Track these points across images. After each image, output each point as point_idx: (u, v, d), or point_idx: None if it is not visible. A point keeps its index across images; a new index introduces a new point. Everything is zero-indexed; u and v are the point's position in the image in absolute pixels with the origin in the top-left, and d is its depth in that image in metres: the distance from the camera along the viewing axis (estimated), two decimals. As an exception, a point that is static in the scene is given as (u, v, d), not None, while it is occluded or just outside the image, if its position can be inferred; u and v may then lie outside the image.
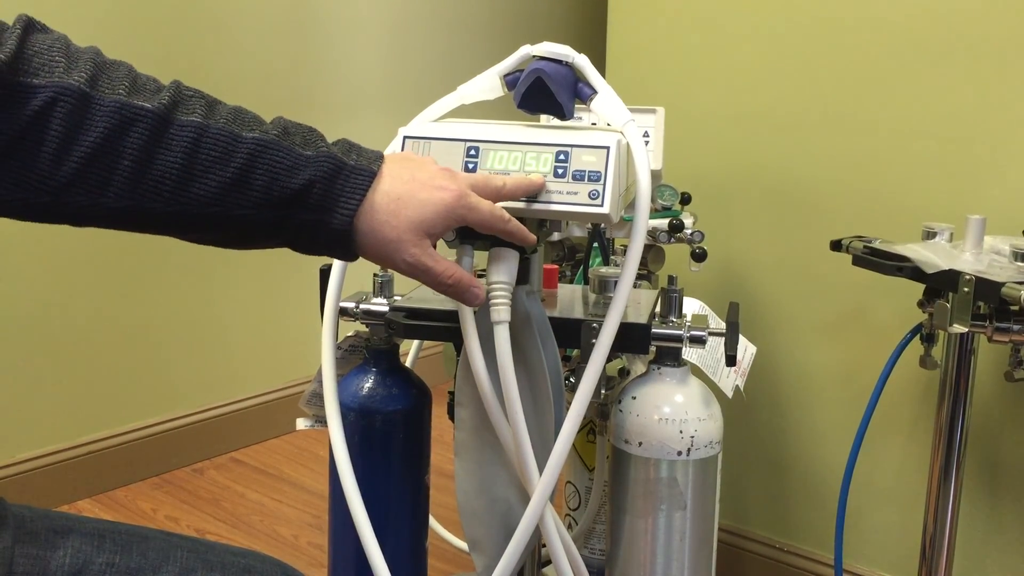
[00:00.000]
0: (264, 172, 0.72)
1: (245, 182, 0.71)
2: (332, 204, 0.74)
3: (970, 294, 1.09)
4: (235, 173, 0.71)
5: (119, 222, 0.72)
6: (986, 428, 1.39)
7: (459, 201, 0.78)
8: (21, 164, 0.67)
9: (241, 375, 2.34)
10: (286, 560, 1.89)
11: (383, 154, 0.80)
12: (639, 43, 1.67)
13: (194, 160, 0.70)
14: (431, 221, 0.76)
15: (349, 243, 0.75)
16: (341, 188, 0.74)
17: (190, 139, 0.70)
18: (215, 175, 0.71)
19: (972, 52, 1.34)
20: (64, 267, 1.97)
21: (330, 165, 0.74)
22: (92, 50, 0.71)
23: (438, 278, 0.79)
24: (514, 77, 0.96)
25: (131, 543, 0.76)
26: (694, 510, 1.02)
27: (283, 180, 0.72)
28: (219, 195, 0.71)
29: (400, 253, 0.76)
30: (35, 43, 0.68)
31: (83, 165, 0.68)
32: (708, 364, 1.19)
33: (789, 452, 1.60)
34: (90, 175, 0.68)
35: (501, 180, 0.85)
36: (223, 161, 0.71)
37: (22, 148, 0.66)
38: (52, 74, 0.67)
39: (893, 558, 1.50)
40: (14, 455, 1.93)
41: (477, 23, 2.80)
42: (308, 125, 0.78)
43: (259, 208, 0.72)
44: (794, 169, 1.52)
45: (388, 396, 1.08)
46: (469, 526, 1.00)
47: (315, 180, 0.73)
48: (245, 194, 0.72)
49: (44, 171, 0.67)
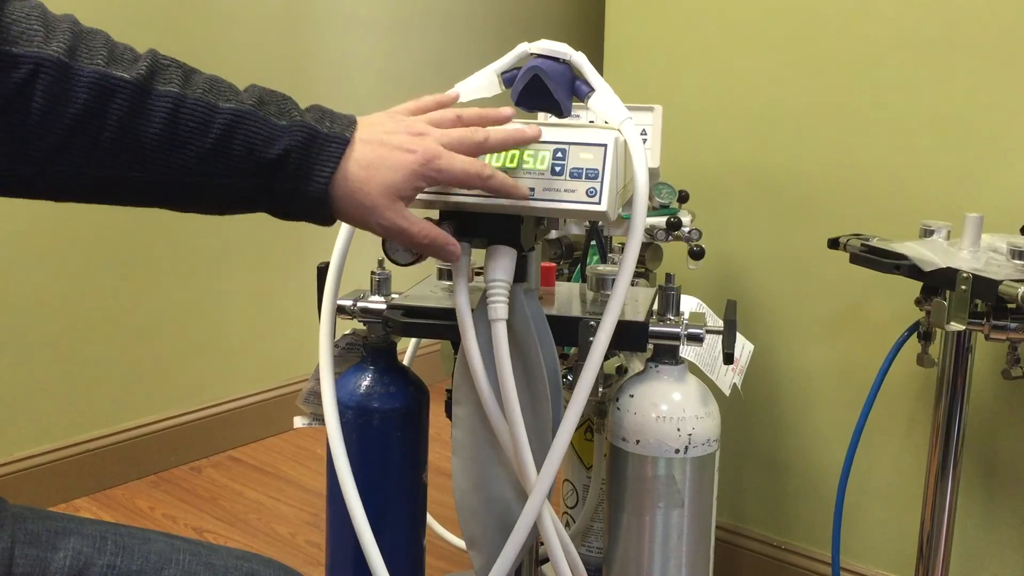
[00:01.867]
0: (241, 142, 0.73)
1: (223, 152, 0.73)
2: (308, 172, 0.75)
3: (967, 292, 1.09)
4: (213, 143, 0.72)
5: (100, 193, 0.73)
6: (983, 426, 1.39)
7: (426, 164, 0.78)
8: (6, 135, 0.67)
9: (239, 373, 2.33)
10: (284, 558, 1.89)
11: (355, 119, 0.80)
12: (637, 41, 1.67)
13: (174, 130, 0.71)
14: (400, 185, 0.78)
15: (324, 209, 0.77)
16: (316, 156, 0.76)
17: (168, 109, 0.71)
18: (194, 145, 0.72)
19: (970, 50, 1.34)
20: (61, 266, 1.96)
21: (304, 134, 0.75)
22: (69, 18, 0.72)
23: (413, 238, 0.81)
24: (511, 75, 0.96)
25: (132, 545, 0.76)
26: (692, 508, 1.02)
27: (260, 150, 0.74)
28: (198, 164, 0.72)
29: (374, 217, 0.78)
30: (13, 11, 0.68)
31: (67, 135, 0.68)
32: (706, 362, 1.19)
33: (787, 450, 1.60)
34: (73, 145, 0.69)
35: (484, 133, 0.84)
36: (201, 131, 0.72)
37: (5, 119, 0.67)
38: (31, 43, 0.67)
39: (890, 556, 1.51)
40: (12, 453, 1.93)
41: (474, 20, 2.80)
42: (282, 93, 0.79)
43: (237, 177, 0.74)
44: (792, 167, 1.52)
45: (386, 394, 1.08)
46: (467, 524, 1.00)
47: (291, 149, 0.75)
48: (224, 163, 0.73)
49: (28, 141, 0.67)
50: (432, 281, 1.17)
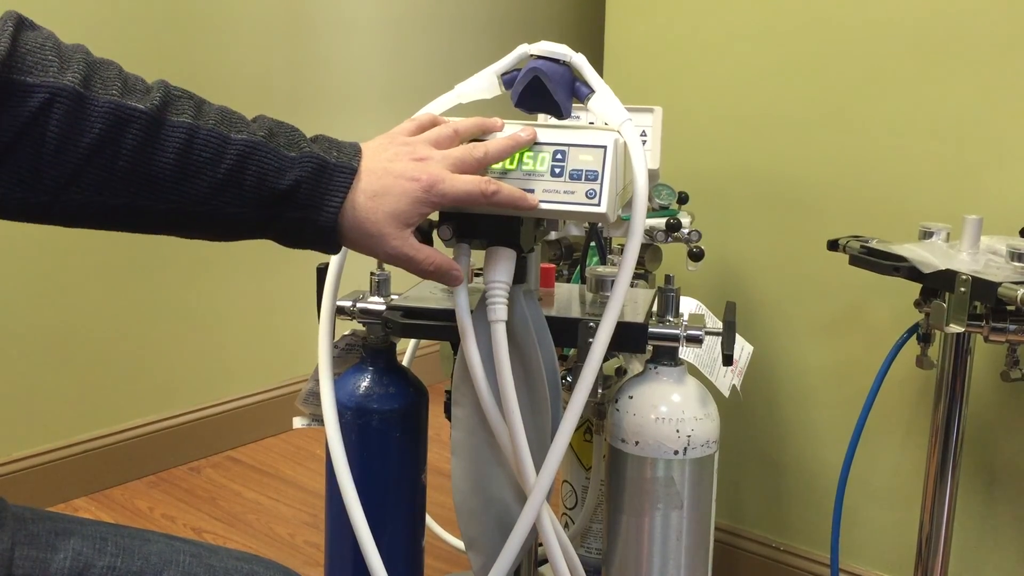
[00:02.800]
0: (253, 173, 0.74)
1: (235, 182, 0.74)
2: (318, 203, 0.77)
3: (967, 294, 1.09)
4: (226, 174, 0.73)
5: (113, 221, 0.73)
6: (982, 428, 1.39)
7: (430, 191, 0.80)
8: (21, 163, 0.68)
9: (238, 374, 2.33)
10: (282, 559, 1.89)
11: (360, 147, 0.82)
12: (637, 42, 1.67)
13: (187, 160, 0.72)
14: (407, 213, 0.79)
15: (333, 237, 0.79)
16: (325, 187, 0.77)
17: (182, 140, 0.72)
18: (206, 175, 0.73)
19: (970, 52, 1.34)
20: (59, 267, 1.96)
21: (314, 165, 0.77)
22: (81, 48, 0.72)
23: (419, 266, 0.82)
24: (511, 76, 0.96)
25: (133, 546, 0.76)
26: (691, 509, 1.02)
27: (271, 181, 0.75)
28: (210, 194, 0.74)
29: (382, 246, 0.80)
30: (27, 41, 0.69)
31: (81, 164, 0.69)
32: (705, 363, 1.19)
33: (786, 451, 1.60)
34: (88, 174, 0.69)
35: (483, 148, 0.85)
36: (214, 162, 0.73)
37: (21, 147, 0.67)
38: (46, 73, 0.68)
39: (889, 557, 1.51)
40: (10, 453, 1.93)
41: (475, 22, 2.80)
42: (290, 124, 0.80)
43: (248, 207, 0.75)
44: (791, 169, 1.52)
45: (385, 395, 1.08)
46: (466, 525, 1.00)
47: (301, 180, 0.76)
48: (235, 194, 0.74)
49: (44, 170, 0.68)
50: (431, 282, 1.17)
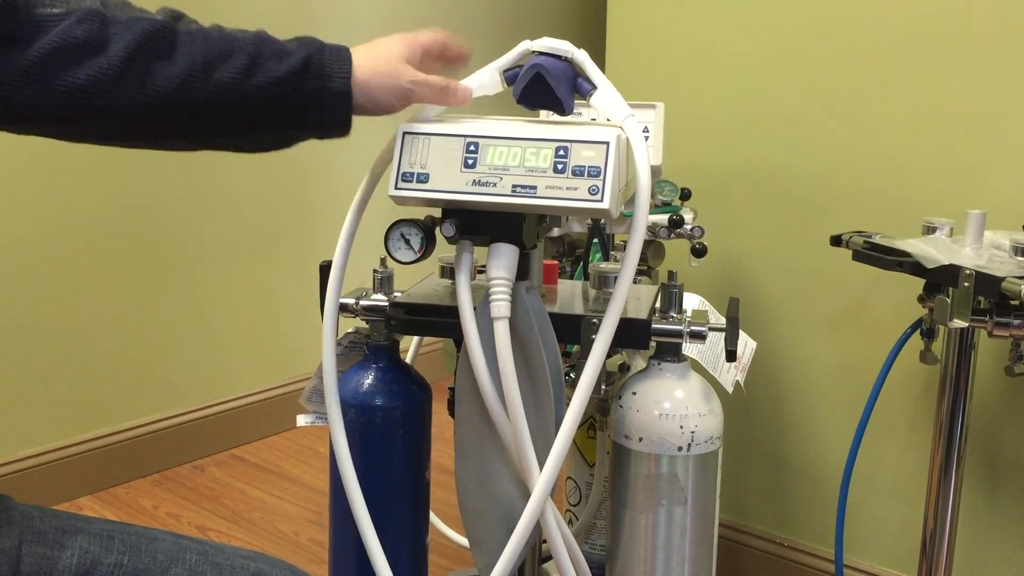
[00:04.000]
0: (269, 57, 0.83)
1: (256, 66, 0.82)
2: (329, 72, 0.85)
3: (970, 289, 1.09)
4: (246, 60, 0.81)
5: (147, 122, 0.79)
6: (986, 423, 1.39)
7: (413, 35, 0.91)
8: (66, 73, 0.73)
9: (241, 372, 2.34)
10: (287, 556, 1.89)
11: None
12: (639, 39, 1.67)
13: (208, 54, 0.80)
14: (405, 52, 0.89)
15: (348, 102, 0.86)
16: (331, 60, 0.86)
17: (201, 40, 0.80)
18: (230, 64, 0.81)
19: (973, 47, 1.33)
20: (63, 265, 1.96)
21: (315, 46, 0.86)
22: None
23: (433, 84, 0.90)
24: (513, 72, 0.96)
25: (139, 544, 0.76)
26: (694, 505, 1.02)
27: (286, 60, 0.83)
28: (237, 80, 0.81)
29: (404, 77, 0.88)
30: None
31: (123, 66, 0.75)
32: (708, 360, 1.19)
33: (789, 447, 1.60)
34: (132, 74, 0.76)
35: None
36: (233, 53, 0.81)
37: (62, 61, 0.73)
38: (68, 3, 0.75)
39: (894, 553, 1.51)
40: (15, 452, 1.93)
41: (476, 19, 2.80)
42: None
43: (271, 85, 0.82)
44: (794, 164, 1.52)
45: (388, 392, 1.08)
46: (470, 522, 1.00)
47: (311, 56, 0.85)
48: (258, 76, 0.82)
49: (89, 75, 0.74)
50: (434, 279, 1.17)
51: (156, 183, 2.09)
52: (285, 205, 2.36)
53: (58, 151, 1.91)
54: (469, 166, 0.90)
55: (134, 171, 2.04)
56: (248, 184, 2.27)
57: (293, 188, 2.37)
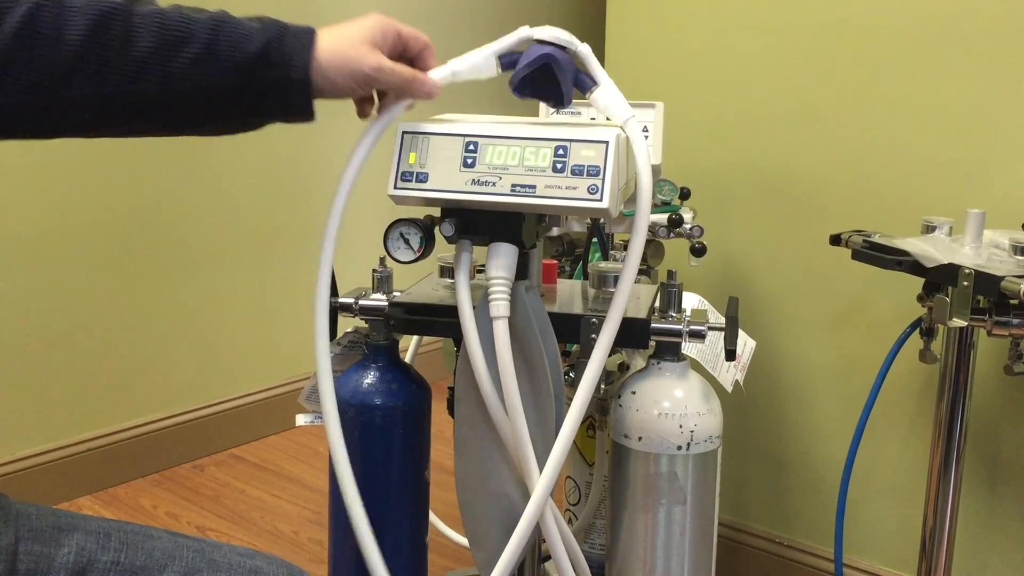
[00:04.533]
0: (226, 43, 0.80)
1: (212, 54, 0.79)
2: (288, 59, 0.82)
3: (970, 288, 1.09)
4: (202, 48, 0.78)
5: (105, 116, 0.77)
6: (986, 422, 1.39)
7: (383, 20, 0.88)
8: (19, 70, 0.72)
9: (241, 371, 2.34)
10: (286, 556, 1.89)
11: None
12: (638, 37, 1.67)
13: (163, 41, 0.77)
14: (371, 32, 0.86)
15: (308, 89, 0.83)
16: (292, 45, 0.83)
17: (156, 24, 0.77)
18: (185, 52, 0.78)
19: (971, 46, 1.33)
20: (63, 265, 1.96)
21: (276, 29, 0.83)
22: None
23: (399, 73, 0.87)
24: (511, 59, 0.92)
25: (136, 542, 0.76)
26: (694, 505, 1.02)
27: (243, 47, 0.80)
28: (191, 68, 0.78)
29: (364, 62, 0.84)
30: None
31: (77, 58, 0.73)
32: (708, 359, 1.19)
33: (789, 446, 1.60)
34: (86, 66, 0.74)
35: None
36: (188, 40, 0.78)
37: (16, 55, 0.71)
38: None
39: (893, 552, 1.51)
40: (14, 452, 1.93)
41: (473, 17, 2.80)
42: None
43: (227, 74, 0.79)
44: (794, 164, 1.52)
45: (387, 392, 1.08)
46: (469, 522, 1.00)
47: (270, 41, 0.81)
48: (213, 65, 0.79)
49: (44, 69, 0.72)
50: (434, 279, 1.17)
51: (156, 183, 2.09)
52: (285, 205, 2.36)
53: (58, 151, 1.91)
54: (468, 165, 0.90)
55: (134, 171, 2.04)
56: (248, 184, 2.27)
57: (293, 188, 2.37)
